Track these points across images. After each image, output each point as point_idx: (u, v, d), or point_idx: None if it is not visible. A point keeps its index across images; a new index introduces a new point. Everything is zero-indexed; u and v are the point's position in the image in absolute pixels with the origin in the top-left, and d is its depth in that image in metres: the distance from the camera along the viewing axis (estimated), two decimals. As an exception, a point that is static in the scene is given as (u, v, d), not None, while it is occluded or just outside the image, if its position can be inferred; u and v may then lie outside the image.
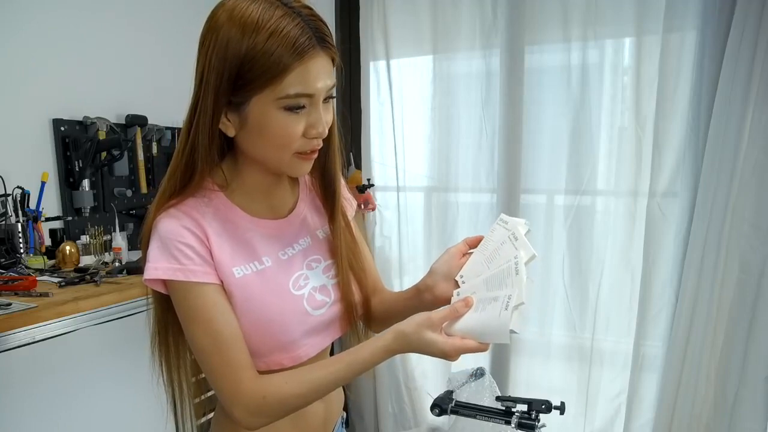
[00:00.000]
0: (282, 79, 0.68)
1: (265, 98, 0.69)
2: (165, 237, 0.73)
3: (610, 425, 2.17)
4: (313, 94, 0.71)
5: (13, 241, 1.76)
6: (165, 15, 2.37)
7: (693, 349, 1.88)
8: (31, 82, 1.89)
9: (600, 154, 2.06)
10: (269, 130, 0.72)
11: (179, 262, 0.73)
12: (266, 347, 0.79)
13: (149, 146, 2.31)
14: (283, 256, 0.83)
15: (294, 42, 0.67)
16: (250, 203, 0.82)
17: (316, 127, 0.73)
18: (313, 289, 0.83)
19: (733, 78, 1.72)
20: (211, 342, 0.74)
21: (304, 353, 0.81)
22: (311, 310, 0.82)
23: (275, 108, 0.70)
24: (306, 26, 0.68)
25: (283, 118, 0.71)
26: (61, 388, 1.53)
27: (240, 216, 0.81)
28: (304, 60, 0.68)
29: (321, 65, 0.70)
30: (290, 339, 0.80)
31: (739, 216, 1.79)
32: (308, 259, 0.85)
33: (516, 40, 2.12)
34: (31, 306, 1.39)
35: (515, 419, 1.00)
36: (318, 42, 0.69)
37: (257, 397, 0.73)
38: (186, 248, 0.73)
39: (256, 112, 0.71)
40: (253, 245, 0.80)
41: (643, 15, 1.90)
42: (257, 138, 0.73)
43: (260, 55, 0.67)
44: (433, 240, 2.41)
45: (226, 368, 0.74)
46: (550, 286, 2.20)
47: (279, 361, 0.80)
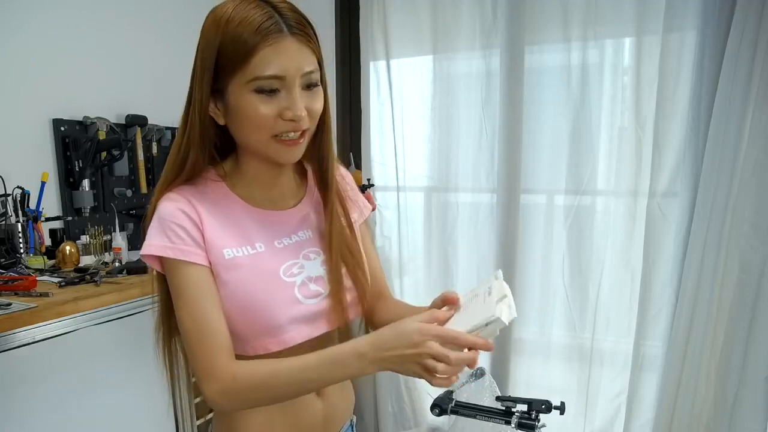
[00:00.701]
0: (249, 61, 0.72)
1: (238, 82, 0.74)
2: (162, 218, 0.79)
3: (610, 425, 2.17)
4: (283, 77, 0.74)
5: (13, 241, 1.76)
6: (165, 15, 2.38)
7: (693, 349, 1.88)
8: (31, 82, 1.90)
9: (600, 154, 2.06)
10: (243, 112, 0.76)
11: (171, 241, 0.77)
12: (252, 331, 0.81)
13: (149, 146, 2.31)
14: (279, 244, 0.85)
15: (259, 25, 0.72)
16: (251, 193, 0.86)
17: (290, 108, 0.75)
18: (308, 278, 0.85)
19: (733, 78, 1.72)
20: (191, 321, 0.77)
21: (290, 338, 0.82)
22: (303, 299, 0.83)
23: (248, 91, 0.74)
24: (275, 13, 0.73)
25: (255, 100, 0.75)
26: (61, 388, 1.53)
27: (238, 204, 0.84)
28: (269, 42, 0.72)
29: (290, 49, 0.74)
30: (276, 323, 0.81)
31: (739, 216, 1.79)
32: (306, 251, 0.87)
33: (516, 40, 2.12)
34: (31, 306, 1.39)
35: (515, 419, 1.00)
36: (287, 28, 0.73)
37: (228, 377, 0.75)
38: (179, 229, 0.78)
39: (234, 96, 0.76)
40: (248, 231, 0.83)
41: (643, 15, 1.90)
42: (238, 122, 0.78)
43: (230, 41, 0.73)
44: (433, 240, 2.41)
45: (203, 347, 0.76)
46: (550, 286, 2.20)
47: (265, 345, 0.81)
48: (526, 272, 2.25)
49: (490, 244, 2.30)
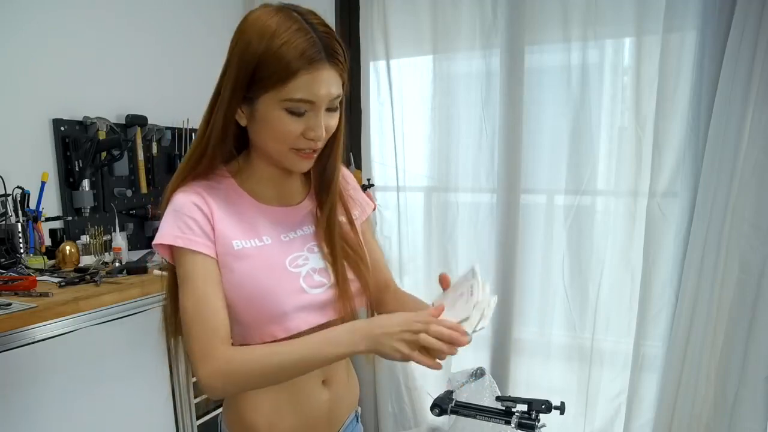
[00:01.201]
0: (288, 83, 0.76)
1: (272, 98, 0.78)
2: (175, 209, 0.83)
3: (610, 425, 2.17)
4: (315, 102, 0.78)
5: (13, 241, 1.76)
6: (165, 15, 2.38)
7: (693, 349, 1.88)
8: (31, 82, 1.90)
9: (600, 154, 2.06)
10: (271, 126, 0.80)
11: (182, 231, 0.81)
12: (259, 318, 0.84)
13: (149, 146, 2.31)
14: (285, 238, 0.89)
15: (303, 52, 0.75)
16: (259, 190, 0.90)
17: (314, 130, 0.80)
18: (312, 270, 0.89)
19: (733, 78, 1.72)
20: (194, 306, 0.80)
21: (295, 326, 0.85)
22: (308, 288, 0.87)
23: (279, 108, 0.78)
24: (318, 40, 0.77)
25: (284, 118, 0.79)
26: (61, 388, 1.53)
27: (247, 200, 0.89)
28: (310, 69, 0.76)
29: (326, 76, 0.78)
30: (282, 311, 0.84)
31: (739, 216, 1.79)
32: (310, 244, 0.91)
33: (516, 40, 2.12)
34: (31, 306, 1.39)
35: (515, 419, 1.00)
36: (326, 56, 0.77)
37: (223, 360, 0.78)
38: (191, 221, 0.82)
39: (263, 108, 0.79)
40: (256, 225, 0.87)
41: (643, 15, 1.90)
42: (261, 130, 0.82)
43: (272, 59, 0.75)
44: (433, 240, 2.41)
45: (202, 332, 0.79)
46: (550, 286, 2.20)
47: (272, 332, 0.85)
48: (526, 272, 2.25)
49: (490, 244, 2.30)
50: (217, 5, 2.63)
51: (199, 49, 2.56)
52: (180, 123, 2.43)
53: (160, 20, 2.35)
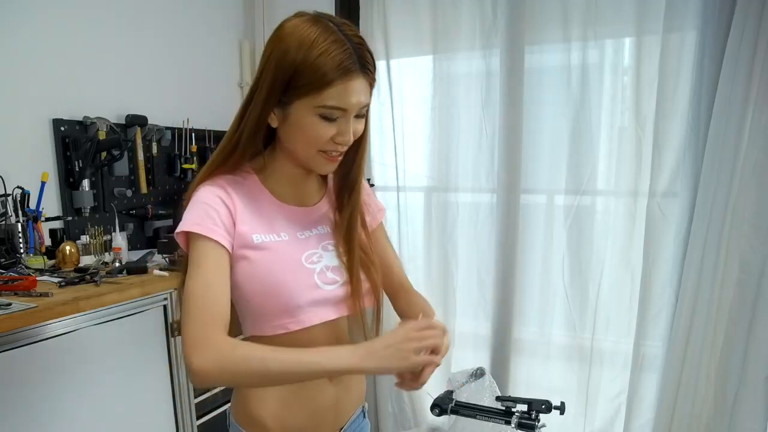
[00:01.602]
0: (323, 92, 0.81)
1: (307, 103, 0.82)
2: (199, 201, 0.86)
3: (610, 425, 2.17)
4: (347, 109, 0.83)
5: (13, 241, 1.76)
6: (165, 15, 2.38)
7: (693, 349, 1.88)
8: (31, 82, 1.90)
9: (600, 154, 2.06)
10: (303, 130, 0.85)
11: (202, 220, 0.84)
12: (273, 310, 0.88)
13: (149, 146, 2.31)
14: (300, 236, 0.93)
15: (340, 63, 0.80)
16: (279, 189, 0.94)
17: (343, 135, 0.85)
18: (326, 267, 0.92)
19: (733, 78, 1.72)
20: (199, 290, 0.80)
21: (307, 319, 0.89)
22: (321, 284, 0.91)
23: (313, 113, 0.83)
24: (353, 52, 0.81)
25: (317, 123, 0.83)
26: (61, 389, 1.53)
27: (268, 197, 0.93)
28: (344, 79, 0.81)
29: (358, 86, 0.83)
30: (296, 305, 0.88)
31: (739, 216, 1.79)
32: (324, 242, 0.95)
33: (516, 40, 2.12)
34: (31, 306, 1.39)
35: (515, 419, 1.00)
36: (360, 67, 0.82)
37: (223, 349, 0.77)
38: (213, 212, 0.85)
39: (297, 112, 0.84)
40: (274, 222, 0.91)
41: (643, 15, 1.90)
42: (293, 133, 0.86)
43: (310, 68, 0.80)
44: (433, 240, 2.41)
45: (202, 316, 0.79)
46: (550, 286, 2.20)
47: (284, 324, 0.88)
48: (526, 272, 2.25)
49: (490, 244, 2.30)
50: (217, 5, 2.63)
51: (199, 49, 2.56)
52: (180, 123, 2.43)
53: (160, 20, 2.35)
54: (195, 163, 2.47)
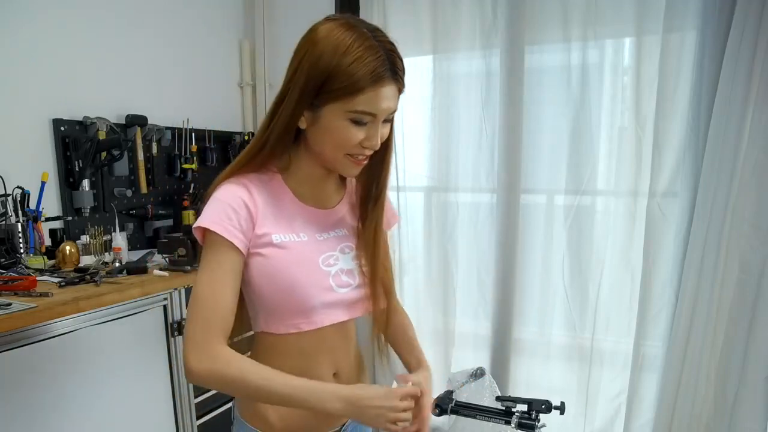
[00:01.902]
0: (355, 97, 0.82)
1: (338, 108, 0.84)
2: (221, 199, 0.87)
3: (610, 425, 2.17)
4: (377, 115, 0.85)
5: (13, 241, 1.76)
6: (165, 15, 2.38)
7: (693, 349, 1.88)
8: (31, 82, 1.90)
9: (600, 154, 2.06)
10: (333, 133, 0.86)
11: (221, 219, 0.85)
12: (288, 310, 0.90)
13: (149, 146, 2.31)
14: (319, 237, 0.95)
15: (373, 70, 0.81)
16: (300, 189, 0.95)
17: (371, 139, 0.87)
18: (341, 270, 0.94)
19: (733, 78, 1.72)
20: (210, 293, 0.84)
21: (320, 320, 0.91)
22: (335, 287, 0.93)
23: (343, 117, 0.84)
24: (386, 59, 0.83)
25: (347, 127, 0.85)
26: (61, 389, 1.53)
27: (290, 197, 0.94)
28: (376, 86, 0.82)
29: (389, 92, 0.84)
30: (310, 306, 0.90)
31: (739, 216, 1.79)
32: (342, 245, 0.97)
33: (516, 40, 2.12)
34: (31, 306, 1.39)
35: (515, 419, 1.00)
36: (391, 74, 0.84)
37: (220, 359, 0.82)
38: (232, 213, 0.86)
39: (328, 116, 0.85)
40: (295, 222, 0.93)
41: (643, 15, 1.90)
42: (322, 135, 0.88)
43: (343, 73, 0.81)
44: (433, 240, 2.41)
45: (206, 321, 0.83)
46: (550, 286, 2.20)
47: (297, 324, 0.91)
48: (526, 272, 2.25)
49: (490, 244, 2.30)
50: (217, 5, 2.63)
51: (199, 49, 2.56)
52: (180, 123, 2.43)
53: (160, 20, 2.35)
54: (195, 163, 2.47)
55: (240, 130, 2.82)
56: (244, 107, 2.84)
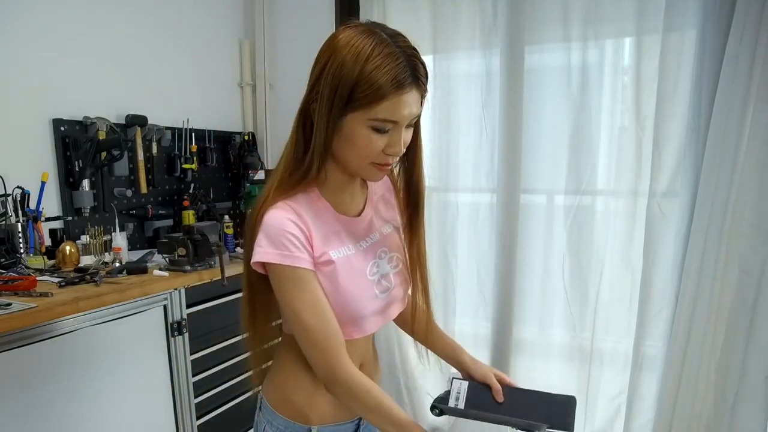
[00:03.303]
0: (377, 105, 0.81)
1: (360, 116, 0.83)
2: (274, 227, 0.86)
3: (610, 425, 2.17)
4: (398, 122, 0.84)
5: (13, 241, 1.77)
6: (165, 15, 2.38)
7: (693, 349, 1.88)
8: (31, 82, 1.90)
9: (600, 154, 2.06)
10: (356, 142, 0.85)
11: (288, 249, 0.85)
12: (341, 320, 0.91)
13: (149, 146, 2.31)
14: (360, 246, 0.97)
15: (394, 77, 0.80)
16: (334, 199, 0.95)
17: (394, 146, 0.86)
18: (381, 276, 0.97)
19: (733, 77, 1.72)
20: (318, 320, 0.86)
21: (368, 328, 0.95)
22: (378, 294, 0.96)
23: (365, 126, 0.84)
24: (407, 65, 0.82)
25: (369, 135, 0.84)
26: (61, 389, 1.53)
27: (330, 211, 0.95)
28: (398, 93, 0.81)
29: (411, 98, 0.84)
30: (362, 315, 0.93)
31: (739, 216, 1.79)
32: (379, 251, 0.99)
33: (516, 40, 2.12)
34: (31, 306, 1.39)
35: (515, 419, 1.00)
36: (413, 80, 0.83)
37: (346, 381, 0.87)
38: (293, 238, 0.86)
39: (350, 125, 0.84)
40: (340, 235, 0.94)
41: (643, 14, 1.90)
42: (346, 144, 0.87)
43: (365, 81, 0.80)
44: (433, 240, 2.41)
45: (329, 346, 0.87)
46: (550, 286, 2.20)
47: (349, 333, 0.92)
48: (526, 272, 2.24)
49: (490, 244, 2.30)
50: (217, 5, 2.63)
51: (199, 49, 2.56)
52: (180, 123, 2.43)
53: (159, 20, 2.35)
54: (195, 163, 2.48)
55: (240, 130, 2.82)
56: (244, 107, 2.84)
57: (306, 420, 0.96)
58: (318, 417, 0.96)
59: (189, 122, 2.45)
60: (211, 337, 1.98)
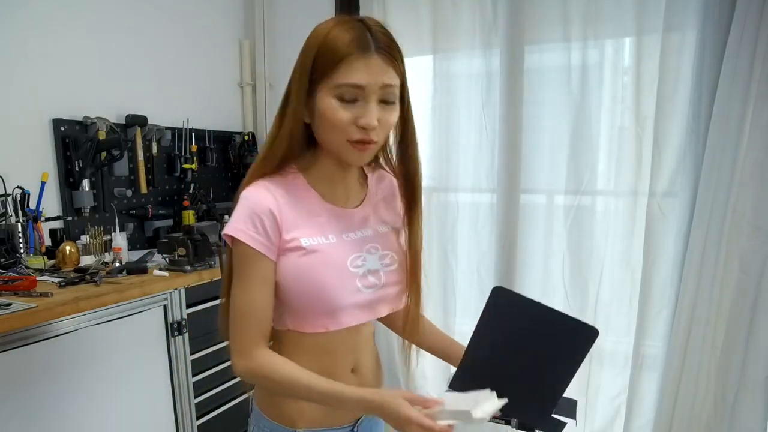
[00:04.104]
0: (337, 68, 0.82)
1: (325, 87, 0.84)
2: (249, 206, 0.88)
3: (610, 425, 2.17)
4: (363, 87, 0.82)
5: (13, 241, 1.77)
6: (165, 15, 2.38)
7: (693, 349, 1.88)
8: (31, 82, 1.90)
9: (600, 154, 2.06)
10: (326, 116, 0.85)
11: (248, 227, 0.87)
12: (315, 311, 0.91)
13: (149, 146, 2.31)
14: (346, 237, 0.95)
15: (351, 40, 0.81)
16: (323, 188, 0.95)
17: (364, 117, 0.84)
18: (368, 270, 0.95)
19: (733, 77, 1.72)
20: (246, 302, 0.88)
21: (345, 321, 0.92)
22: (362, 288, 0.93)
23: (331, 96, 0.84)
24: (367, 32, 0.83)
25: (336, 105, 0.84)
26: (61, 389, 1.53)
27: (314, 197, 0.94)
28: (357, 56, 0.81)
29: (374, 64, 0.82)
30: (337, 306, 0.91)
31: (739, 216, 1.79)
32: (368, 245, 0.97)
33: (516, 40, 2.12)
34: (31, 306, 1.39)
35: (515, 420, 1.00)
36: (374, 46, 0.82)
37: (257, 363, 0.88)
38: (258, 221, 0.87)
39: (319, 99, 0.85)
40: (322, 223, 0.93)
41: (643, 14, 1.90)
42: (321, 124, 0.87)
43: (324, 50, 0.83)
44: (433, 240, 2.41)
45: (248, 329, 0.88)
46: (550, 286, 2.20)
47: (324, 324, 0.91)
48: (526, 272, 2.24)
49: (490, 244, 2.30)
50: (217, 5, 2.63)
51: (199, 49, 2.56)
52: (180, 123, 2.43)
53: (160, 20, 2.35)
54: (195, 163, 2.48)
55: (240, 130, 2.82)
56: (244, 107, 2.84)
57: (293, 424, 0.95)
58: (305, 422, 0.95)
59: (189, 122, 2.45)
60: (211, 337, 1.98)
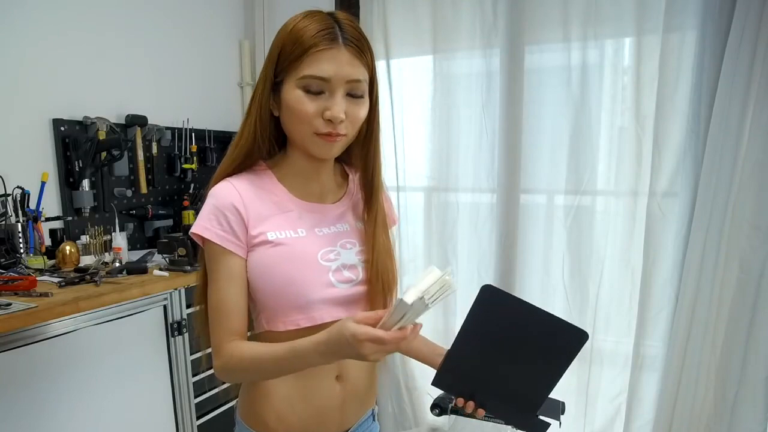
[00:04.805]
0: (302, 60, 0.81)
1: (291, 78, 0.83)
2: (215, 204, 0.88)
3: (610, 425, 2.17)
4: (329, 79, 0.82)
5: (13, 241, 1.76)
6: (165, 15, 2.38)
7: (693, 349, 1.88)
8: (31, 82, 1.90)
9: (600, 154, 2.06)
10: (290, 106, 0.84)
11: (213, 225, 0.87)
12: (285, 306, 0.88)
13: (149, 146, 2.31)
14: (319, 232, 0.93)
15: (317, 31, 0.81)
16: (295, 185, 0.94)
17: (330, 110, 0.83)
18: (343, 265, 0.92)
19: (733, 77, 1.72)
20: (218, 300, 0.88)
21: (319, 317, 0.89)
22: (336, 282, 0.90)
23: (297, 87, 0.83)
24: (335, 25, 0.82)
25: (302, 97, 0.83)
26: (61, 389, 1.53)
27: (284, 194, 0.93)
28: (322, 46, 0.81)
29: (340, 57, 0.82)
30: (307, 301, 0.88)
31: (739, 216, 1.79)
32: (343, 240, 0.94)
33: (516, 40, 2.12)
34: (31, 306, 1.39)
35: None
36: (342, 39, 0.82)
37: (226, 357, 0.87)
38: (222, 218, 0.87)
39: (285, 92, 0.85)
40: (291, 218, 0.91)
41: (643, 14, 1.90)
42: (286, 114, 0.86)
43: (290, 41, 0.82)
44: (433, 240, 2.41)
45: (220, 327, 0.88)
46: (550, 285, 2.20)
47: (296, 321, 0.89)
48: (526, 272, 2.25)
49: (490, 244, 2.30)
50: (217, 5, 2.63)
51: (199, 49, 2.56)
52: (180, 123, 2.43)
53: (160, 20, 2.35)
54: (195, 163, 2.48)
55: (240, 130, 2.81)
56: (244, 107, 2.83)
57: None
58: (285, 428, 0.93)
59: (189, 122, 2.45)
60: (211, 337, 1.98)
